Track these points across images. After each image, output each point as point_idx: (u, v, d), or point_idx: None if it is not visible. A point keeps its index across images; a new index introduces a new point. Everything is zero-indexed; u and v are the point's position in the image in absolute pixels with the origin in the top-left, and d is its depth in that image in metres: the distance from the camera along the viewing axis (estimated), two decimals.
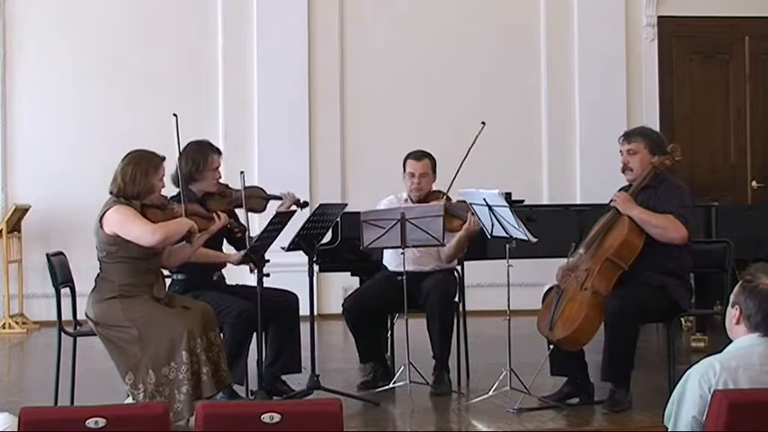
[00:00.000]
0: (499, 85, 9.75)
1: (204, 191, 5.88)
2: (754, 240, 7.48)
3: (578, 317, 5.39)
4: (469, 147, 6.14)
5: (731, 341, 3.46)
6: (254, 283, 5.59)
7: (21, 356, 8.14)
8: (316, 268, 5.91)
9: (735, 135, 10.15)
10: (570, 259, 5.62)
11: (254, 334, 5.58)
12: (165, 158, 5.36)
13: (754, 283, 3.39)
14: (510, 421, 5.30)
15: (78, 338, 5.48)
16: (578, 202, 9.22)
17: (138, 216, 5.21)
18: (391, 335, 6.59)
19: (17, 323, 8.84)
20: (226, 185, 6.01)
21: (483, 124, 6.27)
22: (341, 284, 8.65)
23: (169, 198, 5.60)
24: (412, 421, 5.54)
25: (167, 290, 5.48)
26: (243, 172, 5.77)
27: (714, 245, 6.13)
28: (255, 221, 6.66)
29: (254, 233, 5.77)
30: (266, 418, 3.22)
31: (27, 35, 9.33)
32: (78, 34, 9.36)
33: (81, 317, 5.44)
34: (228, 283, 5.99)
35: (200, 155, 5.85)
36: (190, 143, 5.83)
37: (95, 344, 5.36)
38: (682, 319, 7.72)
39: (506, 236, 5.65)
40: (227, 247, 6.03)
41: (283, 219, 5.64)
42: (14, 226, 9.00)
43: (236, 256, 5.76)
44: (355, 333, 6.19)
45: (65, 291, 5.54)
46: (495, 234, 5.72)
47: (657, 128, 8.76)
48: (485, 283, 8.28)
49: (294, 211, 5.83)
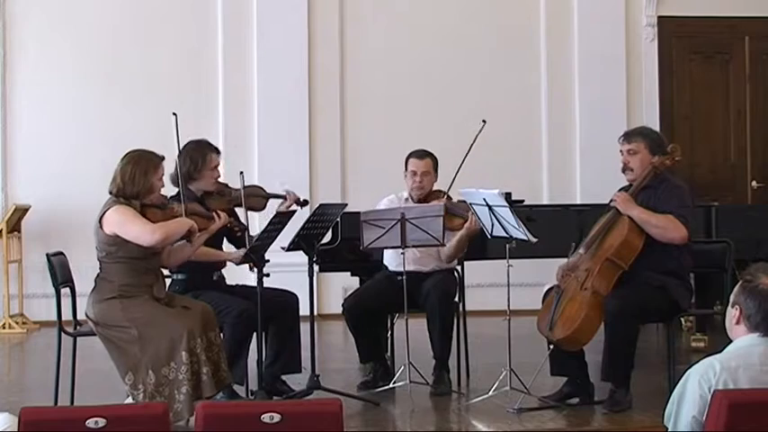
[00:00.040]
0: (499, 85, 9.74)
1: (203, 190, 5.88)
2: (754, 240, 7.48)
3: (578, 317, 5.39)
4: (470, 144, 6.14)
5: (731, 341, 3.46)
6: (254, 283, 5.59)
7: (21, 356, 8.13)
8: (316, 268, 5.91)
9: (735, 135, 10.14)
10: (570, 259, 5.62)
11: (254, 334, 5.58)
12: (164, 158, 5.36)
13: (754, 283, 3.39)
14: (510, 421, 5.30)
15: (78, 338, 5.47)
16: (578, 202, 9.22)
17: (138, 216, 5.20)
18: (391, 335, 6.59)
19: (17, 323, 8.83)
20: (225, 185, 6.00)
21: (484, 122, 6.27)
22: (341, 284, 8.65)
23: (169, 197, 5.60)
24: (412, 421, 5.54)
25: (167, 290, 5.48)
26: (242, 172, 5.78)
27: (714, 245, 6.13)
28: (255, 220, 6.67)
29: (253, 232, 5.78)
30: (266, 418, 3.22)
31: (27, 35, 9.33)
32: (78, 34, 9.36)
33: (81, 317, 5.44)
34: (228, 283, 5.99)
35: (199, 154, 5.85)
36: (188, 142, 5.83)
37: (95, 344, 5.36)
38: (682, 319, 7.72)
39: (506, 236, 5.65)
40: (227, 246, 6.03)
41: (283, 219, 5.64)
42: (14, 226, 9.00)
43: (237, 254, 5.76)
44: (355, 333, 6.19)
45: (65, 291, 5.54)
46: (495, 234, 5.72)
47: (657, 128, 8.75)
48: (485, 283, 8.28)
49: (294, 211, 5.83)
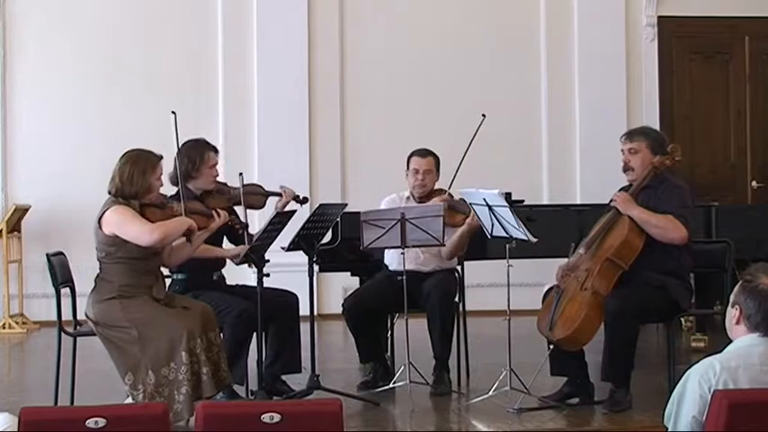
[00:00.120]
0: (499, 85, 9.74)
1: (202, 189, 5.88)
2: (754, 240, 7.48)
3: (578, 317, 5.39)
4: (470, 140, 6.15)
5: (731, 341, 3.46)
6: (254, 283, 5.59)
7: (21, 356, 8.13)
8: (316, 268, 5.91)
9: (735, 135, 10.14)
10: (570, 259, 5.62)
11: (254, 334, 5.58)
12: (162, 157, 5.36)
13: (754, 283, 3.39)
14: (510, 421, 5.30)
15: (78, 338, 5.47)
16: (578, 202, 9.22)
17: (137, 216, 5.20)
18: (391, 335, 6.59)
19: (17, 323, 8.83)
20: (224, 183, 6.01)
21: (483, 116, 6.27)
22: (341, 284, 8.65)
23: (169, 197, 5.60)
24: (412, 421, 5.54)
25: (167, 290, 5.48)
26: (242, 173, 5.79)
27: (714, 245, 6.13)
28: (255, 219, 6.67)
29: (253, 230, 5.78)
30: (266, 418, 3.22)
31: (27, 35, 9.33)
32: (78, 34, 9.36)
33: (81, 317, 5.44)
34: (228, 283, 5.99)
35: (197, 152, 5.85)
36: (186, 141, 5.82)
37: (95, 344, 5.36)
38: (682, 319, 7.72)
39: (506, 236, 5.64)
40: (227, 245, 6.01)
41: (283, 219, 5.64)
42: (14, 226, 9.00)
43: (236, 250, 5.75)
44: (355, 333, 6.19)
45: (65, 291, 5.54)
46: (495, 234, 5.72)
47: (657, 128, 8.74)
48: (485, 283, 8.28)
49: (294, 211, 5.82)
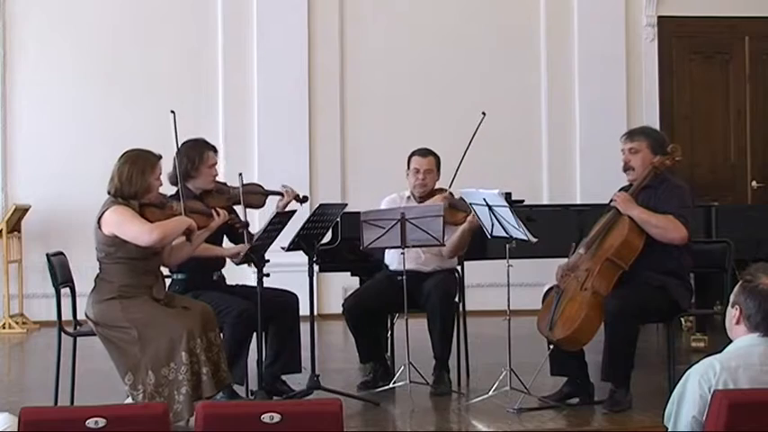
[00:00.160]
0: (499, 85, 9.74)
1: (202, 188, 5.87)
2: (754, 240, 7.48)
3: (578, 317, 5.39)
4: (470, 138, 6.15)
5: (731, 341, 3.46)
6: (254, 282, 5.59)
7: (21, 356, 8.13)
8: (316, 268, 5.91)
9: (735, 135, 10.14)
10: (570, 259, 5.62)
11: (254, 334, 5.58)
12: (161, 157, 5.35)
13: (754, 283, 3.39)
14: (510, 421, 5.30)
15: (78, 338, 5.47)
16: (578, 202, 9.22)
17: (136, 216, 5.20)
18: (391, 335, 6.59)
19: (17, 323, 8.83)
20: (224, 183, 6.01)
21: (483, 114, 6.27)
22: (341, 284, 8.65)
23: (168, 196, 5.60)
24: (412, 421, 5.53)
25: (167, 290, 5.48)
26: (241, 174, 5.79)
27: (714, 245, 6.13)
28: (255, 218, 6.67)
29: (253, 230, 5.78)
30: (266, 418, 3.22)
31: (27, 35, 9.33)
32: (78, 34, 9.36)
33: (81, 317, 5.44)
34: (228, 283, 5.99)
35: (196, 152, 5.85)
36: (185, 141, 5.83)
37: (95, 344, 5.36)
38: (682, 319, 7.72)
39: (506, 236, 5.64)
40: (227, 244, 6.02)
41: (283, 219, 5.64)
42: (14, 226, 9.00)
43: (236, 249, 5.75)
44: (355, 333, 6.19)
45: (65, 291, 5.53)
46: (495, 234, 5.71)
47: (657, 128, 8.74)
48: (485, 283, 8.28)
49: (294, 211, 5.82)
